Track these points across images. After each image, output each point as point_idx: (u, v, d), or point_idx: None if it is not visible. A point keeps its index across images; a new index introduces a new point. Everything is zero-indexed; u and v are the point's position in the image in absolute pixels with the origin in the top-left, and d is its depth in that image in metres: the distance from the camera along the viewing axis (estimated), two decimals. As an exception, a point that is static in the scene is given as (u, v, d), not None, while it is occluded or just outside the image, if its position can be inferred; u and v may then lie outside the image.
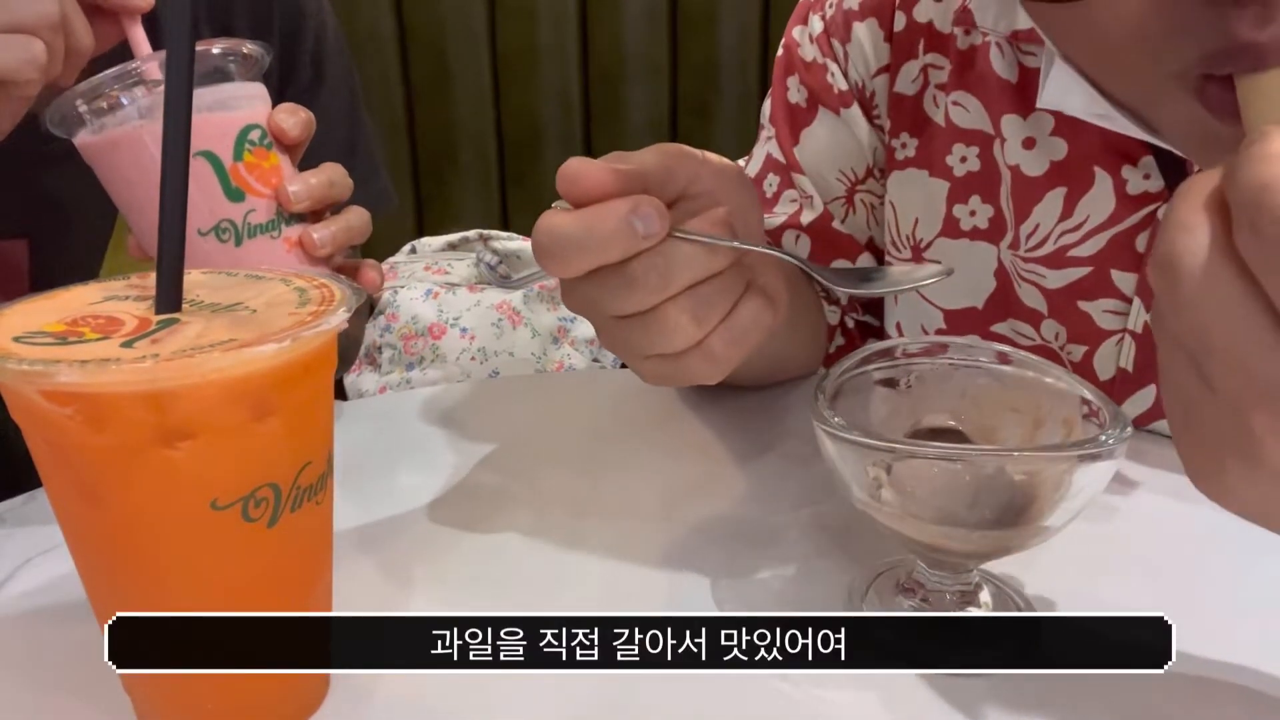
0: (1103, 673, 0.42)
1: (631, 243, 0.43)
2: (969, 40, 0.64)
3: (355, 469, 0.61)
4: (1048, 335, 0.65)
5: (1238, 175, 0.28)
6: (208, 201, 0.54)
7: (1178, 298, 0.30)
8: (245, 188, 0.55)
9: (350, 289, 0.39)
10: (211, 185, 0.54)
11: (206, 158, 0.54)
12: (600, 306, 0.46)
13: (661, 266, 0.43)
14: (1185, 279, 0.29)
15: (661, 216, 0.43)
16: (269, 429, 0.35)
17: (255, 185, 0.56)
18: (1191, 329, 0.30)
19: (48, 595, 0.49)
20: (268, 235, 0.56)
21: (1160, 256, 0.30)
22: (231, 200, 0.55)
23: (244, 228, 0.55)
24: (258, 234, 0.56)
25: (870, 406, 0.47)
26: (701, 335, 0.45)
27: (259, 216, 0.56)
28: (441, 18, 1.83)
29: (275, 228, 0.57)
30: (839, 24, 0.70)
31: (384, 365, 1.70)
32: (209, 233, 0.54)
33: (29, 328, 0.35)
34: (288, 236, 0.57)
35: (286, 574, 0.38)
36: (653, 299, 0.44)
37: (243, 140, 0.55)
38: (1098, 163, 0.60)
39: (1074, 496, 0.39)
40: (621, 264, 0.43)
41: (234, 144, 0.55)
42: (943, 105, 0.66)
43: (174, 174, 0.37)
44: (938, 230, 0.68)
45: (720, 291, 0.45)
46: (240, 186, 0.55)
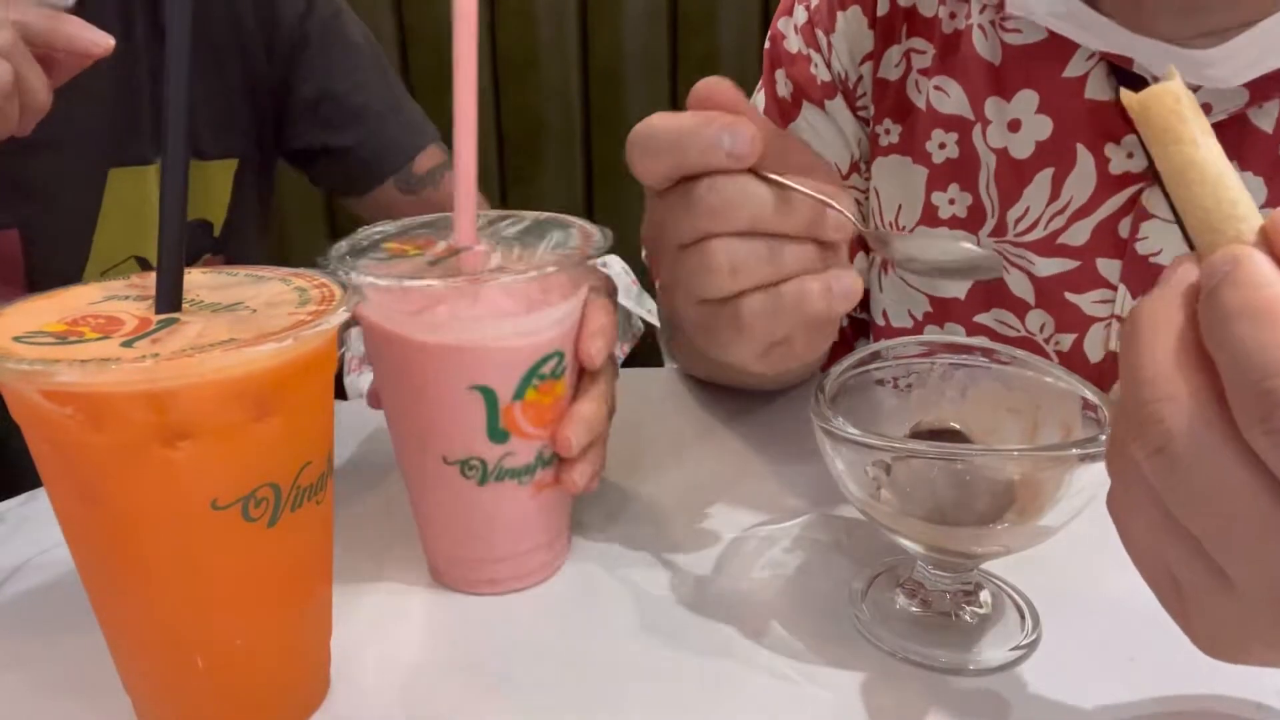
0: (1103, 673, 0.42)
1: (712, 153, 0.41)
2: (953, 24, 0.64)
3: (355, 469, 0.61)
4: (1033, 327, 0.65)
5: (1228, 341, 0.26)
6: (463, 435, 0.45)
7: (1180, 487, 0.28)
8: (514, 430, 0.45)
9: (351, 289, 0.39)
10: (474, 421, 0.44)
11: (481, 392, 0.44)
12: (665, 231, 0.44)
13: (723, 192, 0.41)
14: (1188, 469, 0.27)
15: (753, 143, 0.40)
16: (269, 429, 0.35)
17: (526, 427, 0.45)
18: (1202, 523, 0.28)
19: (48, 595, 0.49)
20: (516, 480, 0.46)
21: (1150, 435, 0.28)
22: (492, 441, 0.45)
23: (494, 470, 0.45)
24: (506, 478, 0.46)
25: (870, 406, 0.47)
26: (736, 289, 0.42)
27: (516, 460, 0.46)
28: (441, 18, 1.83)
29: (529, 472, 0.46)
30: (823, 13, 0.70)
31: (384, 365, 1.70)
32: (453, 463, 0.45)
33: (29, 327, 0.35)
34: (539, 480, 0.47)
35: (286, 574, 0.38)
36: (705, 225, 0.42)
37: (532, 375, 0.44)
38: (1081, 140, 0.60)
39: (1074, 496, 0.39)
40: (693, 181, 0.42)
41: (520, 380, 0.44)
42: (925, 90, 0.66)
43: (174, 172, 0.37)
44: (917, 218, 0.68)
45: (771, 253, 0.42)
46: (508, 429, 0.45)
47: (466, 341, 0.43)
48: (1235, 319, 0.26)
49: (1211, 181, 0.29)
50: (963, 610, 0.45)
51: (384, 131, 0.96)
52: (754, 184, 0.41)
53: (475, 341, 0.43)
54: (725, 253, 0.42)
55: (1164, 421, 0.27)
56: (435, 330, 0.43)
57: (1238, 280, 0.26)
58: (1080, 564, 0.47)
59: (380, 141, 0.96)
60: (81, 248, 0.82)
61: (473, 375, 0.44)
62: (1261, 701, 0.41)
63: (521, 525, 0.48)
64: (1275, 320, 0.25)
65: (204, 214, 0.90)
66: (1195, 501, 0.28)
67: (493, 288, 0.43)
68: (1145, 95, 0.29)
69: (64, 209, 0.80)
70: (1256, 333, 0.25)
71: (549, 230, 0.48)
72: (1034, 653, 0.44)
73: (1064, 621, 0.45)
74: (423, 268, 0.44)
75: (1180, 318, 0.28)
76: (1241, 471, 0.26)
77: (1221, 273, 0.27)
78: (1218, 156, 0.29)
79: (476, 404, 0.44)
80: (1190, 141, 0.29)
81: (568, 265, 0.44)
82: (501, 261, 0.44)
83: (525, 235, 0.48)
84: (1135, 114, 0.30)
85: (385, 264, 0.44)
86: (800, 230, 0.42)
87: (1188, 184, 0.29)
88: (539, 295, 0.44)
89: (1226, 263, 0.27)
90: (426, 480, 0.47)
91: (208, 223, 0.90)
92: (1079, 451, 0.38)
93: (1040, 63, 0.60)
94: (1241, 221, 0.28)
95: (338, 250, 0.45)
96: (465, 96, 0.44)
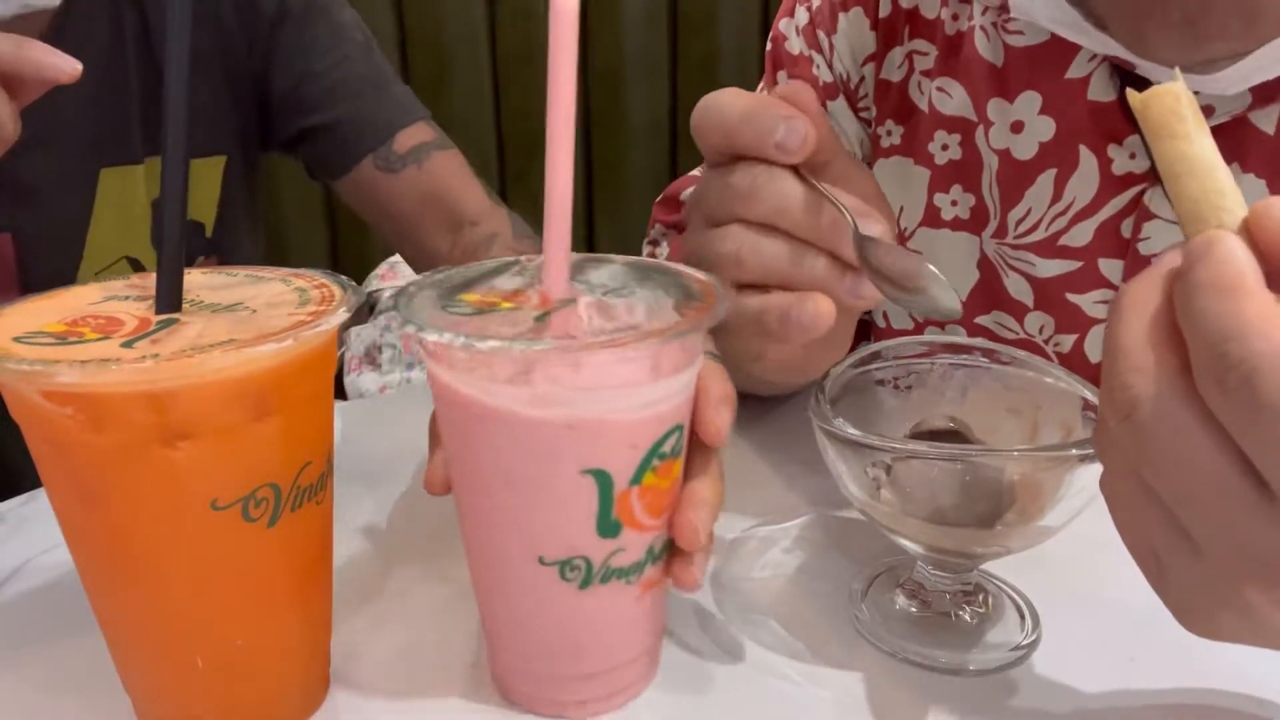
0: (1103, 673, 0.42)
1: (761, 140, 0.41)
2: (956, 26, 0.64)
3: (355, 469, 0.61)
4: (1031, 329, 0.65)
5: (1193, 312, 0.27)
6: (566, 529, 0.37)
7: (1147, 451, 0.29)
8: (627, 521, 0.37)
9: (351, 289, 0.39)
10: (583, 513, 0.37)
11: (595, 477, 0.36)
12: (701, 204, 0.44)
13: (756, 178, 0.42)
14: (1153, 432, 0.29)
15: (805, 142, 0.41)
16: (269, 429, 0.35)
17: (642, 517, 0.38)
18: (1168, 486, 0.29)
19: (48, 595, 0.49)
20: (624, 580, 0.38)
21: (1118, 402, 0.29)
22: (602, 535, 0.37)
23: (599, 570, 0.38)
24: (612, 579, 0.38)
25: (870, 407, 0.47)
26: (736, 280, 0.42)
27: (626, 557, 0.38)
28: (441, 18, 1.83)
29: (637, 571, 0.39)
30: (825, 15, 0.70)
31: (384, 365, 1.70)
32: (551, 564, 0.37)
33: (29, 328, 0.35)
34: (647, 579, 0.39)
35: (286, 574, 0.38)
36: (730, 207, 0.42)
37: (653, 455, 0.37)
38: (1084, 141, 0.60)
39: (1074, 496, 0.39)
40: (738, 162, 0.42)
41: (641, 462, 0.37)
42: (927, 91, 0.66)
43: (174, 173, 0.37)
44: (919, 219, 0.68)
45: (784, 255, 0.42)
46: (620, 519, 0.37)
47: (582, 416, 0.35)
48: (1201, 292, 0.27)
49: (1200, 174, 0.30)
50: (963, 610, 0.46)
51: (362, 107, 0.91)
52: (788, 179, 0.42)
53: (594, 416, 0.35)
54: (738, 240, 0.42)
55: (1131, 389, 0.29)
56: (543, 403, 0.35)
57: (1209, 258, 0.28)
58: (1080, 564, 0.47)
59: (360, 116, 0.91)
60: (74, 249, 0.82)
61: (587, 457, 0.36)
62: (1262, 699, 0.41)
63: (624, 632, 0.40)
64: (1237, 293, 0.27)
65: (195, 215, 0.89)
66: (1162, 464, 0.29)
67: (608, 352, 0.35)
68: (1148, 94, 0.31)
69: (56, 210, 0.80)
70: (1218, 303, 0.27)
71: (650, 277, 0.41)
72: (1034, 653, 0.44)
73: (1064, 621, 0.45)
74: (523, 325, 0.36)
75: (1159, 298, 0.29)
76: (1203, 436, 0.28)
77: (1197, 254, 0.28)
78: (1210, 151, 0.30)
79: (588, 492, 0.36)
80: (1184, 137, 0.30)
81: (701, 325, 0.36)
82: (603, 317, 0.37)
83: (625, 283, 0.40)
84: (1137, 110, 0.31)
85: (471, 319, 0.36)
86: (820, 238, 0.42)
87: (1177, 176, 0.30)
88: (663, 360, 0.36)
89: (1202, 245, 0.28)
90: (512, 584, 0.39)
91: (199, 224, 0.90)
92: (1079, 451, 0.38)
93: (1043, 64, 0.60)
94: (1226, 212, 0.29)
95: (408, 308, 0.37)
96: (561, 114, 0.37)
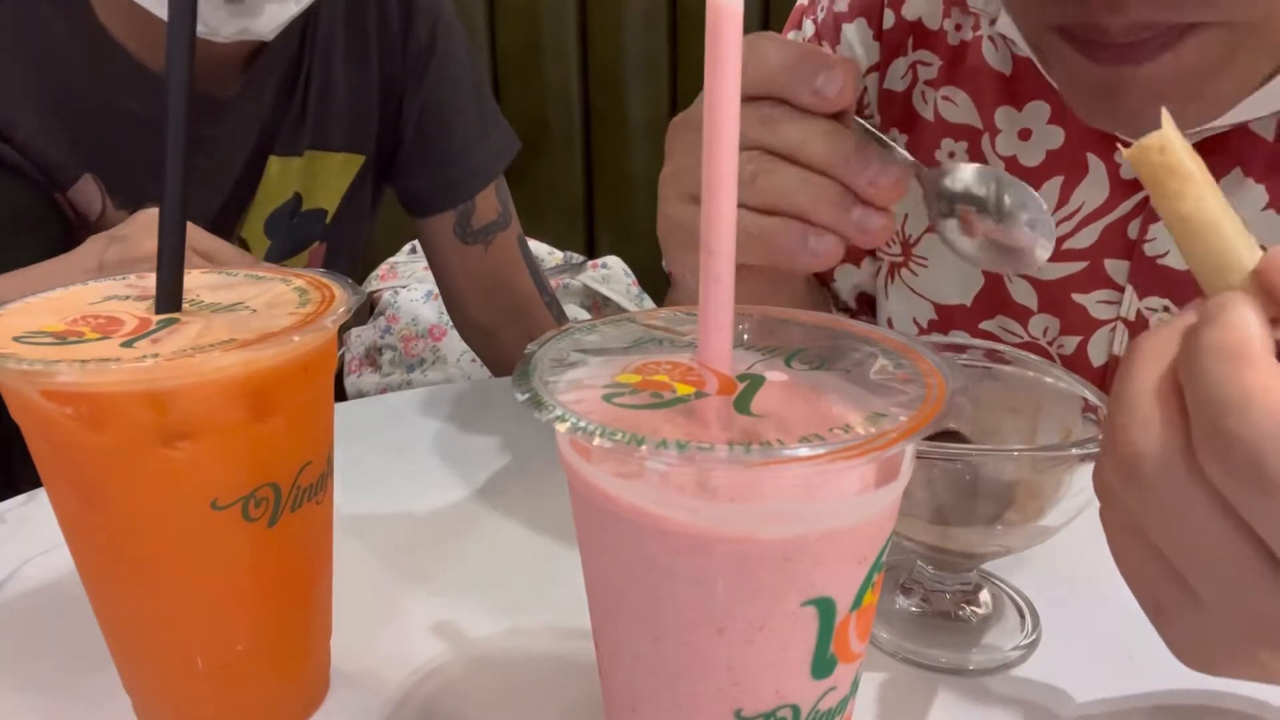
0: (1103, 673, 0.42)
1: (799, 84, 0.41)
2: (960, 36, 0.65)
3: (355, 469, 0.61)
4: (1036, 332, 0.65)
5: (1195, 373, 0.27)
6: (777, 677, 0.29)
7: (1150, 510, 0.29)
8: (843, 655, 0.30)
9: (351, 288, 0.39)
10: (801, 651, 0.29)
11: (817, 607, 0.28)
12: None
13: (779, 117, 0.42)
14: (1156, 494, 0.28)
15: (841, 93, 0.41)
16: (269, 429, 0.35)
17: (855, 645, 0.30)
18: (1172, 547, 0.29)
19: (48, 595, 0.49)
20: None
21: (1121, 456, 0.29)
22: (815, 676, 0.30)
23: (808, 719, 0.30)
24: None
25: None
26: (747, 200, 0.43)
27: (834, 697, 0.30)
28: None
29: (841, 710, 0.31)
30: (829, 26, 0.70)
31: (384, 366, 1.70)
32: (752, 718, 0.30)
33: (29, 327, 0.35)
34: (847, 717, 0.33)
35: (286, 574, 0.38)
36: (754, 134, 0.42)
37: (874, 570, 0.30)
38: (1091, 149, 0.60)
39: (1074, 497, 0.39)
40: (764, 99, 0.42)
41: (863, 582, 0.29)
42: (931, 101, 0.66)
43: (174, 172, 0.37)
44: (925, 226, 0.68)
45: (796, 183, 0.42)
46: (838, 654, 0.30)
47: (806, 533, 0.27)
48: (1205, 354, 0.27)
49: (1202, 233, 0.29)
50: (963, 610, 0.45)
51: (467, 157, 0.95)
52: (803, 117, 0.42)
53: (820, 532, 0.28)
54: (757, 162, 0.42)
55: (1135, 445, 0.28)
56: (774, 522, 0.27)
57: (1218, 321, 0.27)
58: (1080, 564, 0.47)
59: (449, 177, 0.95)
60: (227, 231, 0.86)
61: (813, 583, 0.28)
62: (1261, 699, 0.41)
63: None
64: (1241, 359, 0.26)
65: (320, 203, 0.90)
66: (1162, 522, 0.29)
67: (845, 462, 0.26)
68: (1134, 151, 0.29)
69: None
70: (1220, 368, 0.26)
71: (843, 349, 0.32)
72: (1034, 653, 0.44)
73: (1064, 621, 0.45)
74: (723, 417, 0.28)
75: (1172, 352, 0.29)
76: (1203, 498, 0.27)
77: (1209, 316, 0.28)
78: (1209, 206, 0.29)
79: (807, 626, 0.28)
80: (1177, 195, 0.29)
81: (942, 421, 0.28)
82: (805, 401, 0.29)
83: (806, 353, 0.32)
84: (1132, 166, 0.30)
85: (650, 415, 0.28)
86: (836, 169, 0.42)
87: (1180, 237, 0.29)
88: (893, 459, 0.29)
89: (1215, 307, 0.28)
90: None
91: (322, 210, 0.91)
92: (1079, 452, 0.38)
93: None
94: (1231, 272, 0.28)
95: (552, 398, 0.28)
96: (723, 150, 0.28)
